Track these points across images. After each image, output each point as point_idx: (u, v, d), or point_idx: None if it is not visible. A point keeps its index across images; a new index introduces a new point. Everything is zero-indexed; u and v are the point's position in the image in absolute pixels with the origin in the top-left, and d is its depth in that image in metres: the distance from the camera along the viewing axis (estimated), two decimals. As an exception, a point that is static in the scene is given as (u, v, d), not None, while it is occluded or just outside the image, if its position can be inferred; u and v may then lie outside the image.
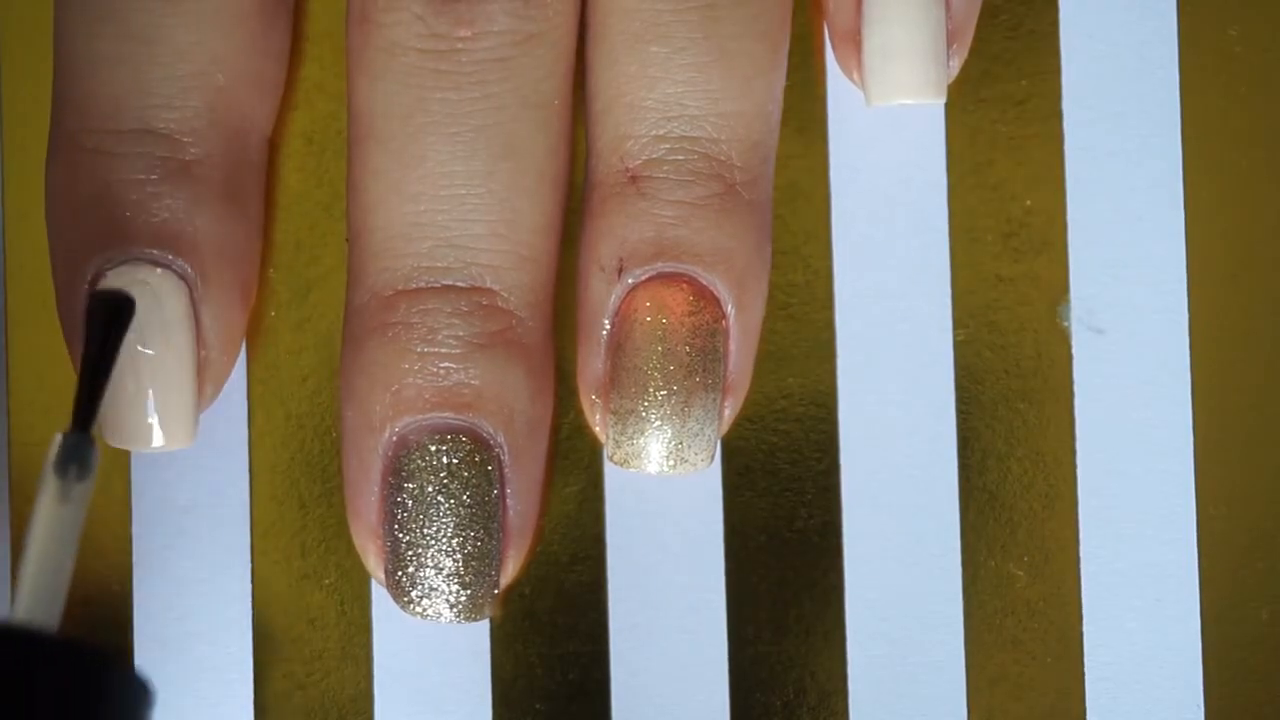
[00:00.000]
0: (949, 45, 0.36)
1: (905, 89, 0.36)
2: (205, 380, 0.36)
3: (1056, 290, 0.37)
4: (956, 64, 0.36)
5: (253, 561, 0.37)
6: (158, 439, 0.35)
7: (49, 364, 0.37)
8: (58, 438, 0.32)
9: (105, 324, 0.33)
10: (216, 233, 0.35)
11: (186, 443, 0.35)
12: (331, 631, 0.37)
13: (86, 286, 0.35)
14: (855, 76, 0.36)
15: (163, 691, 0.37)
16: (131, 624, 0.37)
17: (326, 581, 0.37)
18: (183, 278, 0.35)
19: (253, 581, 0.37)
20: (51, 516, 0.32)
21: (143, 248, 0.35)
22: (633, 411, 0.35)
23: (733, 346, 0.36)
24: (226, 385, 0.37)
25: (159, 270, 0.35)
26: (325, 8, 0.37)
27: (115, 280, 0.35)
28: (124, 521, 0.37)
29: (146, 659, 0.37)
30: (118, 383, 0.35)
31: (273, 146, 0.37)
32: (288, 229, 0.38)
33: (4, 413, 0.37)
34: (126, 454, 0.37)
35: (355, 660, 0.37)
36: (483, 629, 0.37)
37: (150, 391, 0.35)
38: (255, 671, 0.37)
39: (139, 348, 0.35)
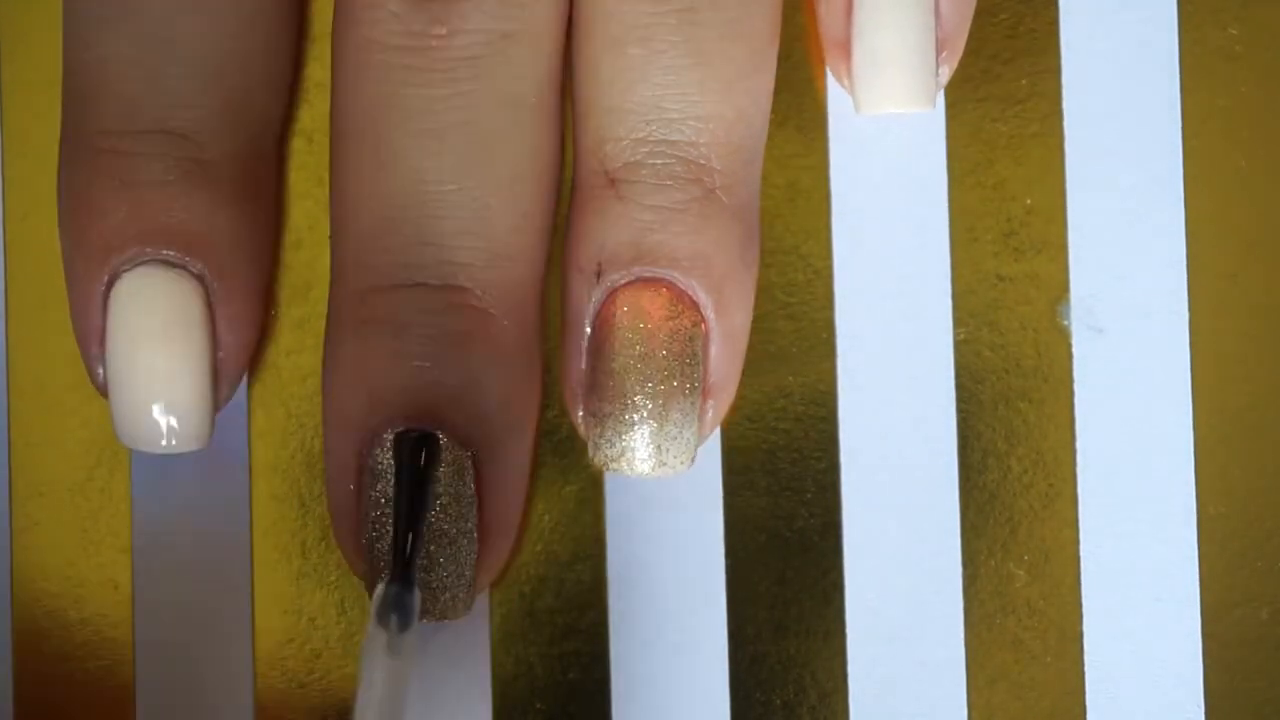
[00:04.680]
0: (938, 54, 0.36)
1: (893, 98, 0.36)
2: (221, 381, 0.36)
3: (1056, 290, 0.37)
4: (946, 72, 0.36)
5: (253, 561, 0.37)
6: (173, 441, 0.35)
7: (49, 364, 0.37)
8: (380, 588, 0.32)
9: (414, 466, 0.33)
10: (233, 233, 0.35)
11: (202, 444, 0.35)
12: (331, 631, 0.37)
13: (103, 288, 0.35)
14: (845, 84, 0.36)
15: (163, 691, 0.37)
16: (131, 624, 0.37)
17: (327, 581, 0.37)
18: (199, 279, 0.35)
19: (253, 581, 0.37)
20: (382, 670, 0.32)
21: (160, 249, 0.35)
22: (611, 415, 0.35)
23: (713, 350, 0.36)
24: (226, 385, 0.37)
25: (175, 271, 0.35)
26: (326, 7, 0.37)
27: (133, 280, 0.35)
28: (124, 521, 0.37)
29: (146, 659, 0.37)
30: (134, 385, 0.35)
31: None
32: (288, 229, 0.38)
33: (4, 413, 0.37)
34: (126, 454, 0.37)
35: (355, 660, 0.37)
36: (483, 629, 0.37)
37: (165, 394, 0.35)
38: (255, 671, 0.37)
39: (142, 351, 0.35)
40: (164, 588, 0.37)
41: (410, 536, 0.33)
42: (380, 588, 0.33)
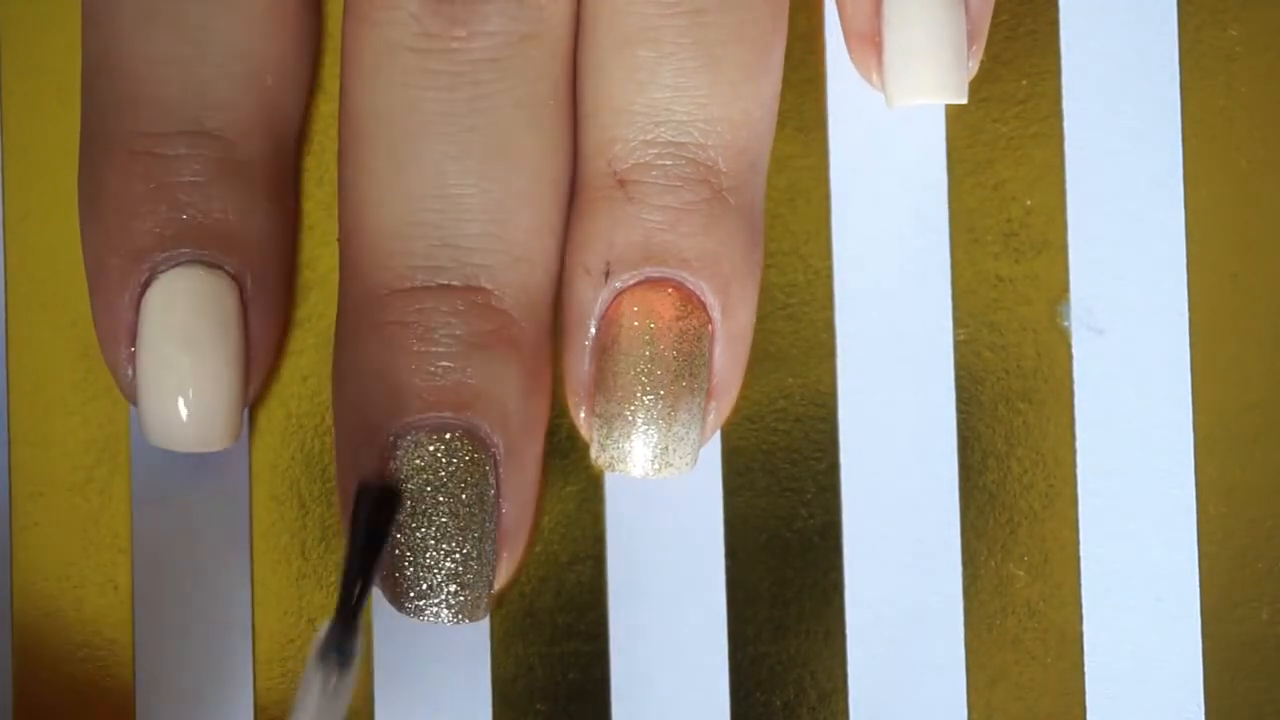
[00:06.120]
0: (968, 46, 0.36)
1: (928, 90, 0.36)
2: (252, 379, 0.36)
3: (1056, 290, 0.37)
4: (974, 64, 0.36)
5: (253, 561, 0.37)
6: (205, 440, 0.35)
7: (49, 364, 0.37)
8: (323, 627, 0.33)
9: (371, 515, 0.34)
10: (266, 232, 0.36)
11: (231, 442, 0.35)
12: (331, 631, 0.37)
13: (140, 290, 0.35)
14: (874, 78, 0.36)
15: (162, 692, 0.37)
16: (131, 624, 0.37)
17: (326, 582, 0.37)
18: (234, 278, 0.35)
19: (253, 581, 0.37)
20: (314, 710, 0.32)
21: (197, 249, 0.35)
22: (619, 415, 0.35)
23: (718, 351, 0.36)
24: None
25: (212, 271, 0.35)
26: (326, 9, 0.37)
27: (171, 281, 0.35)
28: (124, 521, 0.37)
29: (146, 659, 0.37)
30: (169, 385, 0.35)
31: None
32: (288, 229, 0.38)
33: (4, 413, 0.37)
34: (126, 454, 0.37)
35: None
36: (483, 629, 0.37)
37: (201, 393, 0.35)
38: (255, 671, 0.37)
39: (180, 351, 0.35)
40: (164, 588, 0.37)
41: (360, 583, 0.33)
42: (323, 627, 0.33)
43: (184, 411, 0.35)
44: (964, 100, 0.36)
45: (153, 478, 0.37)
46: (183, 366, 0.35)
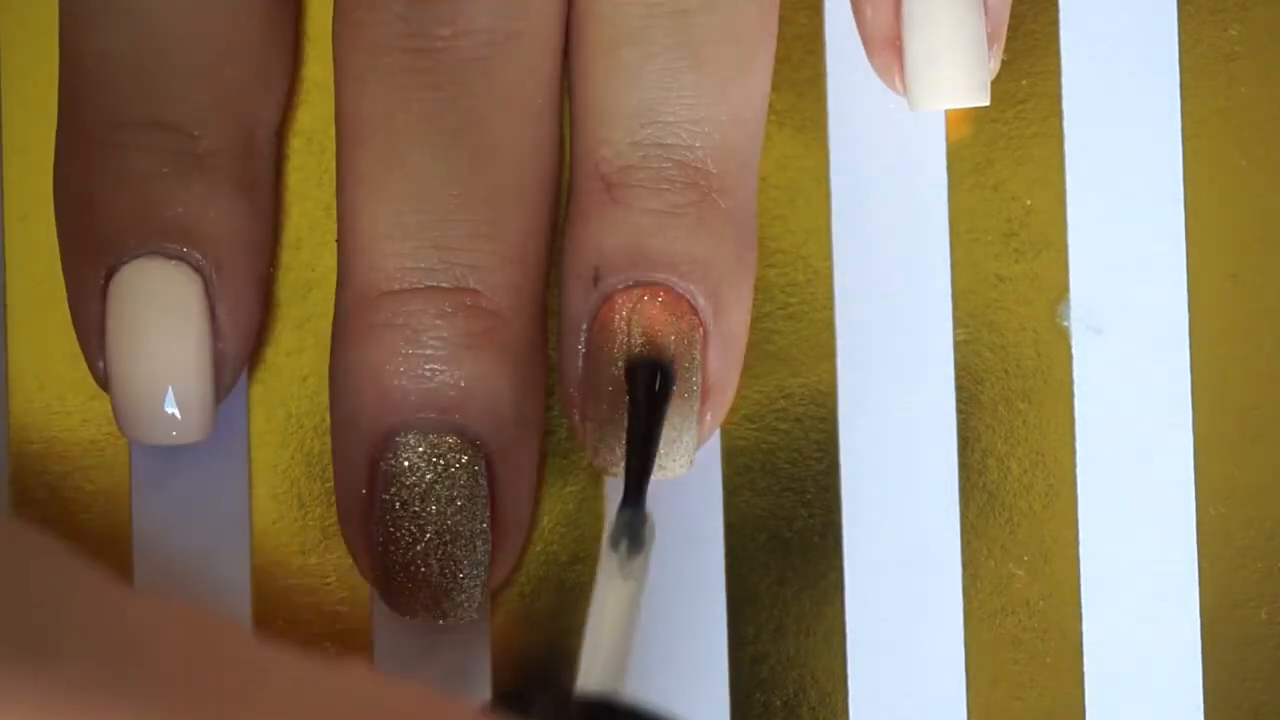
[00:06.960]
0: (989, 46, 0.36)
1: (951, 93, 0.35)
2: (222, 370, 0.36)
3: (1056, 290, 0.37)
4: (995, 64, 0.36)
5: (253, 561, 0.37)
6: (174, 432, 0.35)
7: (49, 364, 0.37)
8: (613, 514, 0.33)
9: (649, 392, 0.34)
10: (229, 224, 0.36)
11: (203, 434, 0.35)
12: (332, 631, 0.37)
13: (102, 281, 0.35)
14: (896, 83, 0.36)
15: (163, 691, 0.37)
16: (131, 624, 0.37)
17: (326, 581, 0.37)
18: (197, 269, 0.35)
19: (253, 581, 0.37)
20: (613, 593, 0.32)
21: (158, 240, 0.35)
22: (609, 419, 0.35)
23: (710, 353, 0.35)
24: (225, 385, 0.37)
25: (173, 262, 0.35)
26: (325, 7, 0.37)
27: (131, 272, 0.35)
28: (124, 521, 0.37)
29: (146, 659, 0.37)
30: (135, 376, 0.35)
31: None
32: (287, 229, 0.38)
33: (4, 413, 0.37)
34: (126, 454, 0.37)
35: (355, 660, 0.37)
36: (483, 629, 0.37)
37: (167, 384, 0.35)
38: (255, 671, 0.37)
39: (142, 343, 0.35)
40: (164, 588, 0.37)
41: (644, 464, 0.33)
42: (615, 513, 0.33)
43: (150, 403, 0.35)
44: (986, 102, 0.36)
45: (153, 478, 0.37)
46: (147, 357, 0.35)
